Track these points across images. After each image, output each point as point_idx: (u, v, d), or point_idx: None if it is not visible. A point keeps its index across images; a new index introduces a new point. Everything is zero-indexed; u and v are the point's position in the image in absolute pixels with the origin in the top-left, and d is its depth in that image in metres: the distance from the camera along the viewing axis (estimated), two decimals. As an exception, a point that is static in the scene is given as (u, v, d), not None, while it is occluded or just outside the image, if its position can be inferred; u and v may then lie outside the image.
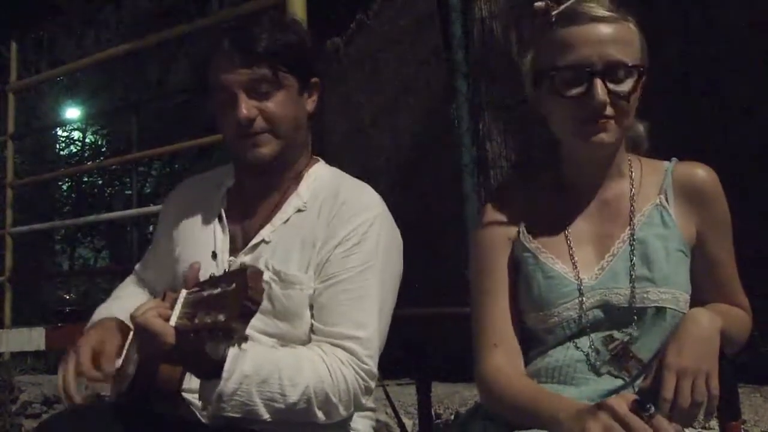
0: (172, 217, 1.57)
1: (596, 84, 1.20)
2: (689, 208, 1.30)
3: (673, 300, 1.23)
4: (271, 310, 1.36)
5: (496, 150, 4.01)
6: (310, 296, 1.37)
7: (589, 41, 1.22)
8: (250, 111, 1.37)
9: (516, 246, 1.32)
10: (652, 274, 1.24)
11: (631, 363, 1.22)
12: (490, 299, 1.31)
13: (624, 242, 1.27)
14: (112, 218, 7.06)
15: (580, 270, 1.26)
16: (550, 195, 1.34)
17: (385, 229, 1.41)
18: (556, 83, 1.23)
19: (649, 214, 1.29)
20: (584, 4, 1.24)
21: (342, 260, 1.37)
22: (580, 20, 1.23)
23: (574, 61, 1.22)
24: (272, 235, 1.42)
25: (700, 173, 1.31)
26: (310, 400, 1.27)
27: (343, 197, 1.42)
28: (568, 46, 1.23)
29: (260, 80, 1.37)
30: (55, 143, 14.14)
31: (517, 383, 1.24)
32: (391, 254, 1.42)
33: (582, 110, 1.22)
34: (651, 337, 1.23)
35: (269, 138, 1.40)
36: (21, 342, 3.98)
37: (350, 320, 1.34)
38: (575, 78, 1.22)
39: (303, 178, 1.48)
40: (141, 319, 1.14)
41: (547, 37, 1.25)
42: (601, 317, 1.24)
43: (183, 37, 4.94)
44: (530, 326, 1.30)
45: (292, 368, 1.27)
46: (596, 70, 1.21)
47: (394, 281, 1.43)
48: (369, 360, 1.33)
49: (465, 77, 3.26)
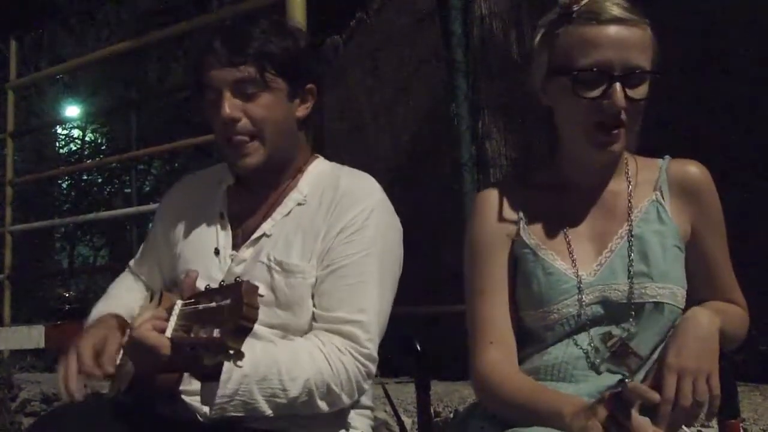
0: (171, 215, 1.56)
1: (616, 88, 1.19)
2: (684, 204, 1.31)
3: (671, 295, 1.24)
4: (273, 300, 1.36)
5: (495, 148, 4.02)
6: (312, 285, 1.37)
7: (611, 43, 1.20)
8: (233, 111, 1.36)
9: (515, 243, 1.32)
10: (649, 269, 1.25)
11: (630, 359, 1.23)
12: (485, 297, 1.31)
13: (622, 238, 1.28)
14: (111, 216, 7.06)
15: (578, 267, 1.27)
16: (548, 192, 1.34)
17: (385, 216, 1.42)
18: (575, 83, 1.22)
19: (646, 210, 1.30)
20: (606, 2, 1.22)
21: (342, 247, 1.37)
22: (602, 19, 1.21)
23: (596, 63, 1.20)
24: (273, 228, 1.42)
25: (694, 170, 1.32)
26: (312, 392, 1.27)
27: (343, 188, 1.42)
28: (589, 46, 1.21)
29: (246, 80, 1.36)
30: (54, 141, 14.14)
31: (514, 379, 1.24)
32: (391, 241, 1.42)
33: (598, 114, 1.21)
34: (649, 332, 1.24)
35: (255, 146, 1.39)
36: (20, 340, 3.98)
37: (350, 305, 1.34)
38: (595, 80, 1.20)
39: (303, 175, 1.47)
40: (137, 333, 1.13)
41: (567, 32, 1.23)
42: (600, 313, 1.25)
43: (183, 36, 4.93)
44: (529, 324, 1.30)
45: (291, 362, 1.27)
46: (617, 74, 1.20)
47: (395, 267, 1.43)
48: (369, 343, 1.33)
49: (465, 76, 3.26)
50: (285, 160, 1.46)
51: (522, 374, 1.27)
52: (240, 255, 1.43)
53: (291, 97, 1.42)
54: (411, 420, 2.57)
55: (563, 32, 1.24)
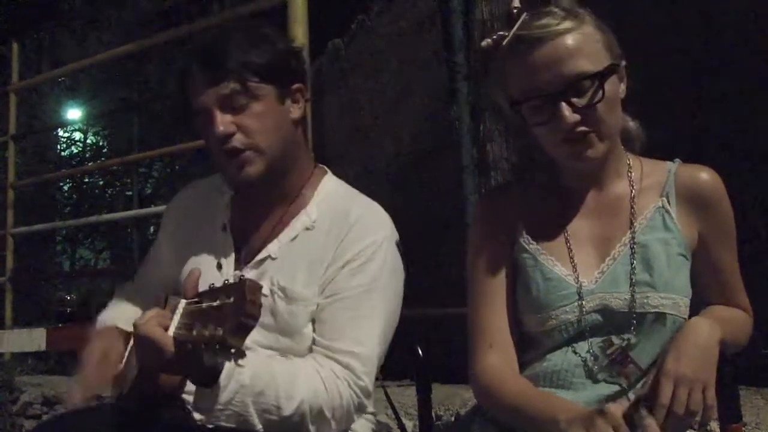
0: (174, 224, 1.56)
1: (561, 108, 1.18)
2: (692, 212, 1.28)
3: (674, 306, 1.22)
4: (274, 325, 1.36)
5: (496, 151, 4.01)
6: (312, 312, 1.36)
7: (542, 64, 1.18)
8: (226, 126, 1.34)
9: (516, 248, 1.31)
10: (652, 279, 1.22)
11: (629, 368, 1.22)
12: (487, 301, 1.31)
13: (625, 246, 1.26)
14: (113, 219, 7.07)
15: (579, 273, 1.25)
16: (548, 197, 1.33)
17: (391, 251, 1.40)
18: (524, 115, 1.22)
19: (651, 217, 1.27)
20: (532, 24, 1.20)
21: (347, 278, 1.36)
22: (530, 45, 1.19)
23: (533, 90, 1.19)
24: (279, 251, 1.40)
25: (705, 177, 1.28)
26: (304, 415, 1.27)
27: (353, 217, 1.40)
28: (525, 75, 1.20)
29: (232, 95, 1.34)
30: (56, 144, 14.13)
31: (513, 383, 1.24)
32: (395, 277, 1.41)
33: (557, 133, 1.20)
34: (650, 342, 1.22)
35: (253, 156, 1.36)
36: (22, 342, 3.99)
37: (350, 337, 1.33)
38: (540, 106, 1.20)
39: (312, 194, 1.45)
40: (142, 329, 1.14)
41: (506, 68, 1.23)
42: (600, 321, 1.23)
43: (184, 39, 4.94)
44: (528, 329, 1.29)
45: (289, 381, 1.26)
46: (557, 93, 1.18)
47: (396, 305, 1.42)
48: (365, 377, 1.32)
49: (466, 79, 3.26)
50: (287, 166, 1.44)
51: (521, 378, 1.26)
52: (244, 275, 1.41)
53: (280, 100, 1.40)
54: (412, 423, 2.57)
55: (505, 71, 1.23)
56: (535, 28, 1.19)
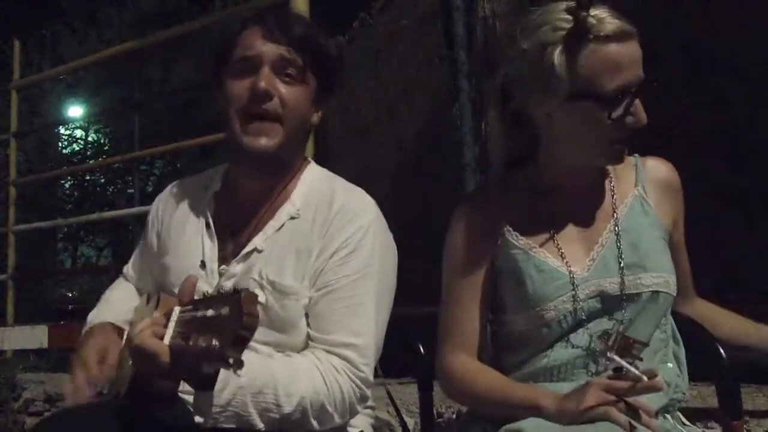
0: (159, 222, 1.55)
1: (638, 105, 1.21)
2: (664, 199, 1.35)
3: (665, 283, 1.27)
4: (266, 320, 1.34)
5: (498, 149, 4.00)
6: (305, 306, 1.36)
7: (632, 61, 1.21)
8: (270, 86, 1.34)
9: (502, 247, 1.32)
10: (642, 260, 1.27)
11: (635, 347, 1.21)
12: (459, 304, 1.34)
13: (610, 232, 1.30)
14: (114, 216, 7.06)
15: (570, 263, 1.28)
16: (531, 196, 1.34)
17: (379, 235, 1.40)
18: (603, 106, 1.20)
19: (631, 205, 1.32)
20: (621, 20, 1.21)
21: (337, 268, 1.35)
22: (622, 38, 1.20)
23: (624, 85, 1.20)
24: (265, 243, 1.40)
25: (670, 167, 1.38)
26: (306, 411, 1.26)
27: (337, 205, 1.39)
28: (615, 68, 1.19)
29: (289, 61, 1.36)
30: (57, 141, 14.13)
31: (484, 376, 1.28)
32: (386, 260, 1.40)
33: (621, 131, 1.22)
34: (644, 320, 1.26)
35: (276, 128, 1.36)
36: (23, 340, 3.99)
37: (346, 328, 1.33)
38: (620, 100, 1.20)
39: (295, 183, 1.45)
40: (138, 339, 1.11)
41: (588, 54, 1.20)
42: (597, 307, 1.26)
43: (185, 36, 4.94)
44: (523, 326, 1.30)
45: (288, 378, 1.26)
46: (635, 91, 1.20)
47: (390, 288, 1.41)
48: (365, 368, 1.32)
49: (467, 77, 3.26)
50: (284, 160, 1.44)
51: (491, 370, 1.30)
52: (231, 270, 1.40)
53: (314, 98, 1.42)
54: (413, 420, 2.57)
55: (585, 55, 1.20)
56: (626, 23, 1.21)
